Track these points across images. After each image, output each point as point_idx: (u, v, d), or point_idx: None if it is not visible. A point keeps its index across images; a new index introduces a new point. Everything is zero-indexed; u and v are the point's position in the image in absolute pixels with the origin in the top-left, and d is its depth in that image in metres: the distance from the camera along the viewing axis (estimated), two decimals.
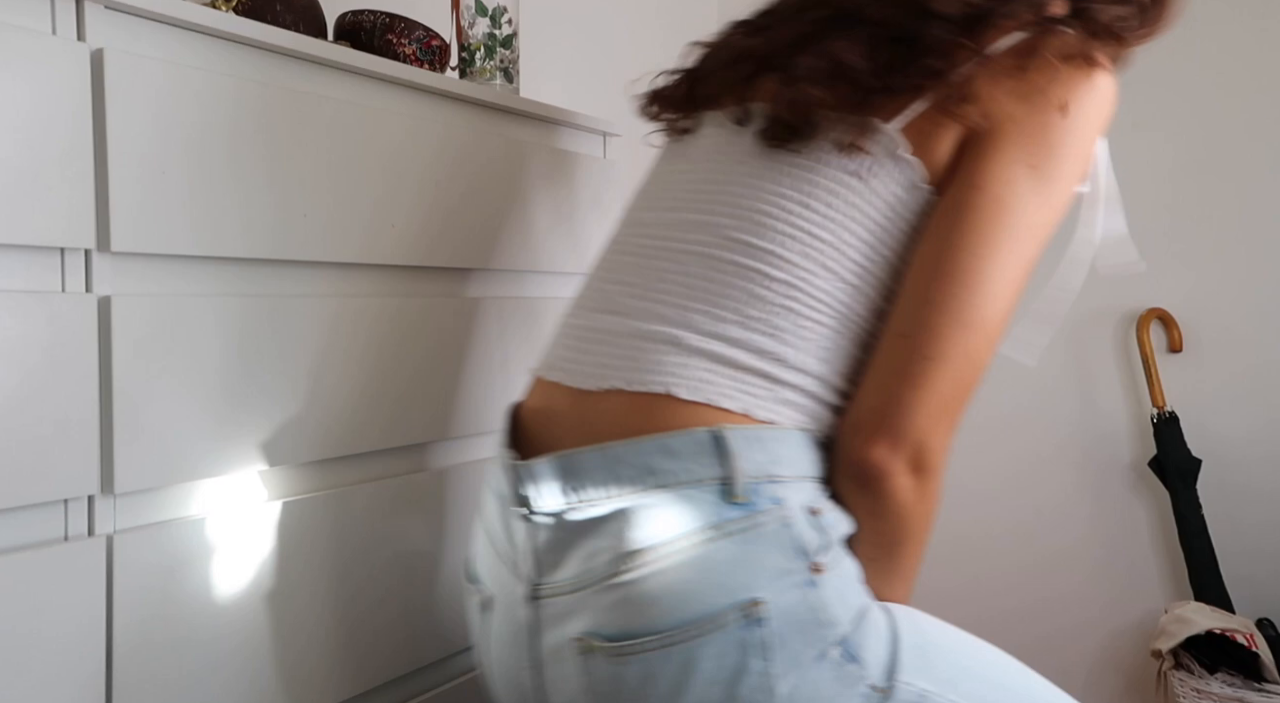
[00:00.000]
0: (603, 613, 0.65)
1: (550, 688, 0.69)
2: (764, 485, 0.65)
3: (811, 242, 0.70)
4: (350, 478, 0.95)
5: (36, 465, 0.70)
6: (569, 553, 0.67)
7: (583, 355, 0.73)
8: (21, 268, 0.70)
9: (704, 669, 0.62)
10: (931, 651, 0.68)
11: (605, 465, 0.66)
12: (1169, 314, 1.92)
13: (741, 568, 0.63)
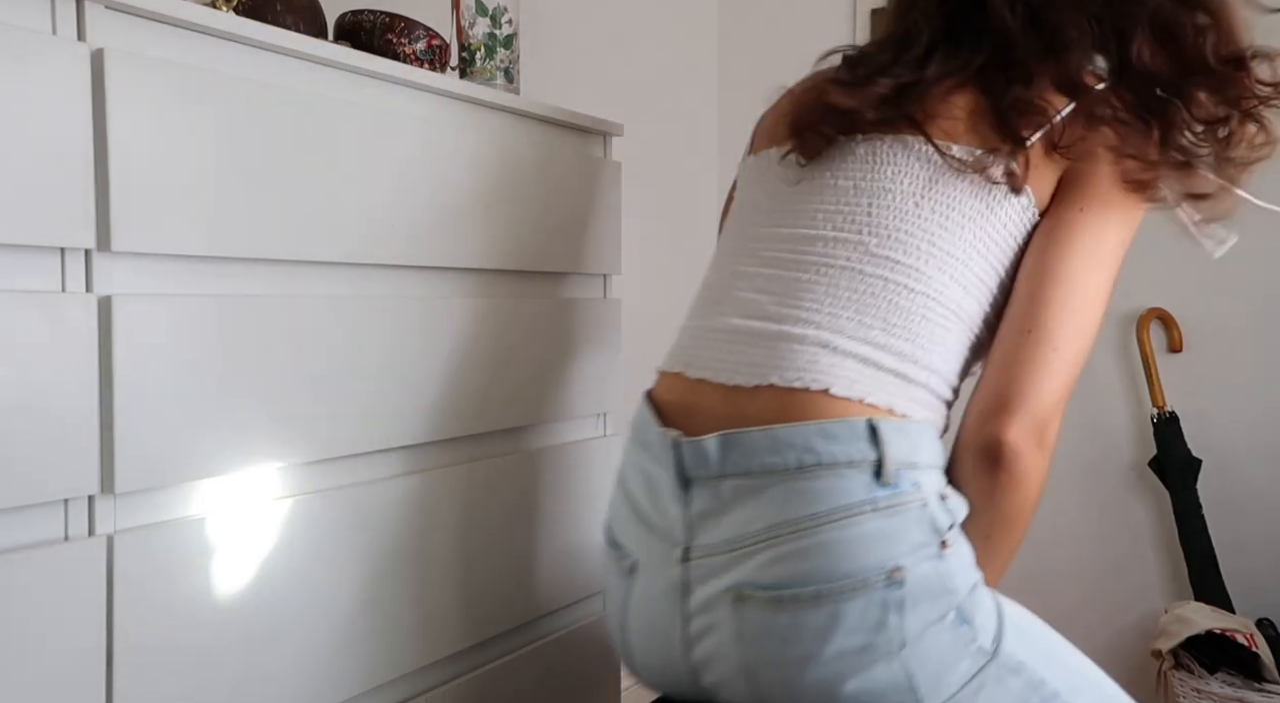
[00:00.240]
0: (758, 569, 0.75)
1: (696, 637, 0.79)
2: (906, 471, 0.76)
3: (947, 259, 0.81)
4: (350, 478, 0.95)
5: (36, 465, 0.70)
6: (723, 518, 0.78)
7: (732, 356, 0.82)
8: (22, 268, 0.70)
9: (848, 621, 0.73)
10: (1028, 630, 0.79)
11: (768, 445, 0.76)
12: (1169, 314, 1.92)
13: (888, 539, 0.74)
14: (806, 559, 0.74)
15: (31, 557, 0.70)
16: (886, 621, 0.73)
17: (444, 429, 1.04)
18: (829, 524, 0.74)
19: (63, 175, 0.71)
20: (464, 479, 1.06)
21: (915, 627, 0.74)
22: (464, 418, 1.06)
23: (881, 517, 0.74)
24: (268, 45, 0.86)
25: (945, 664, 0.75)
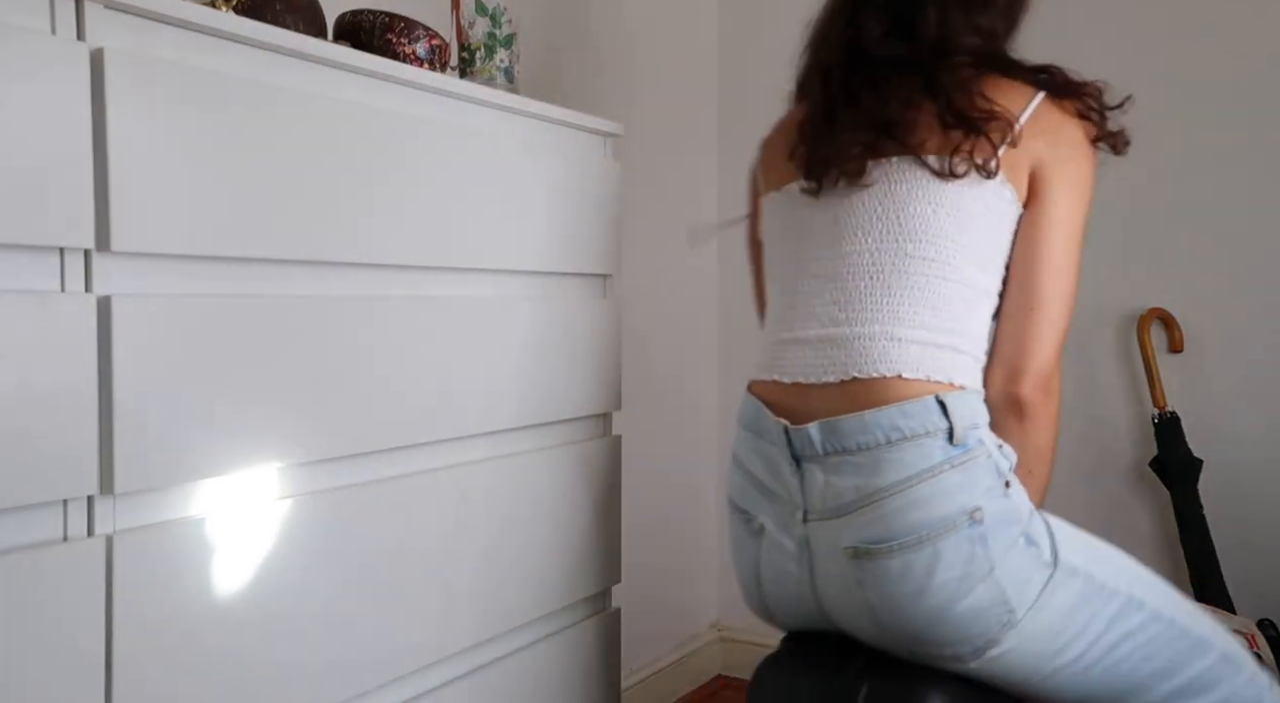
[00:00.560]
0: (867, 526, 0.94)
1: (822, 583, 0.99)
2: (971, 431, 0.95)
3: (966, 249, 0.99)
4: (350, 478, 0.95)
5: (36, 465, 0.70)
6: (830, 487, 0.97)
7: (818, 360, 1.01)
8: (21, 268, 0.70)
9: (946, 556, 0.92)
10: (1075, 540, 0.99)
11: (859, 427, 0.95)
12: (1170, 314, 1.92)
13: (965, 488, 0.93)
14: (906, 514, 0.93)
15: (31, 557, 0.70)
16: (975, 551, 0.92)
17: (443, 429, 1.04)
18: (919, 484, 0.93)
19: (63, 175, 0.71)
20: (464, 479, 1.06)
21: (997, 553, 0.93)
22: (464, 418, 1.06)
23: (958, 471, 0.94)
24: (268, 45, 0.86)
25: (1024, 578, 0.93)
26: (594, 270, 1.26)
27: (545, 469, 1.18)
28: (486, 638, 1.10)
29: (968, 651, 0.95)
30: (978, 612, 0.93)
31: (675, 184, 2.32)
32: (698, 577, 2.42)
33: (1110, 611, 0.97)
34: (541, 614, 1.18)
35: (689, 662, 2.37)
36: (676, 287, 2.32)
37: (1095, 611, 0.97)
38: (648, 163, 2.19)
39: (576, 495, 1.23)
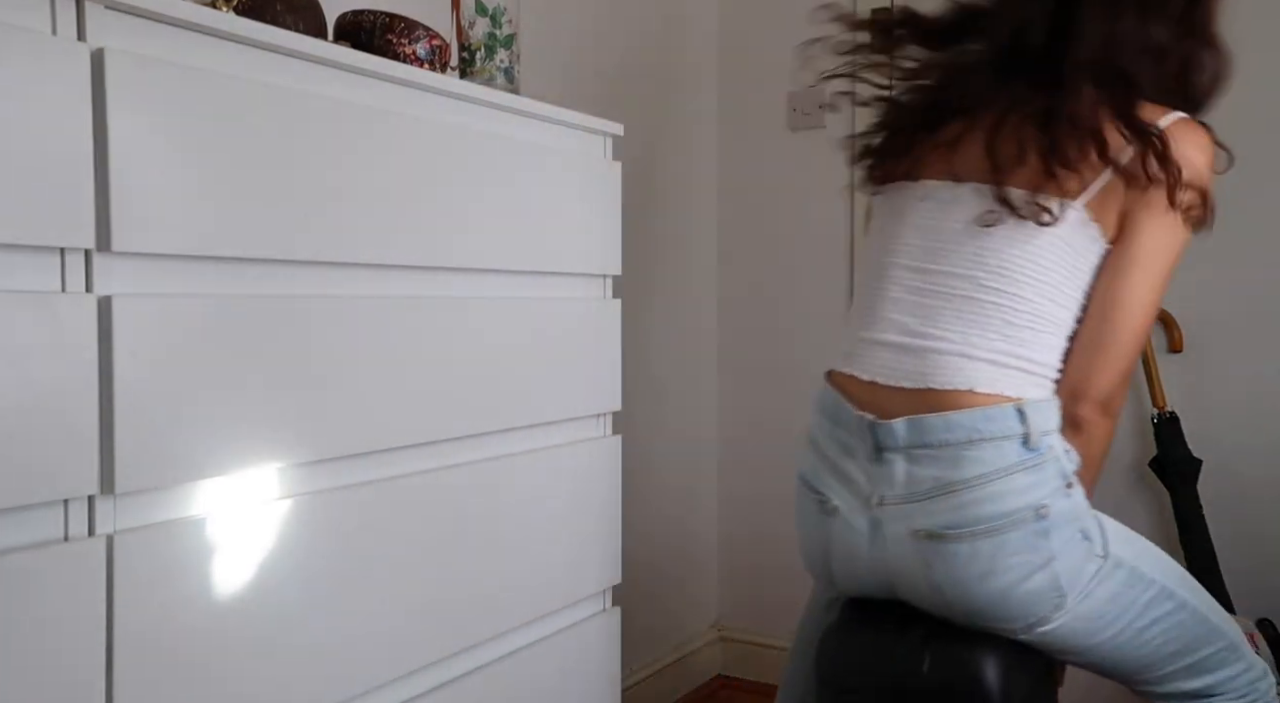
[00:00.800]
0: (940, 513, 1.04)
1: (891, 561, 1.09)
2: (1044, 437, 1.05)
3: (1040, 285, 1.07)
4: (350, 478, 0.95)
5: (36, 465, 0.70)
6: (907, 477, 1.07)
7: (894, 365, 1.10)
8: (22, 268, 0.70)
9: (1011, 546, 1.02)
10: (1123, 537, 1.11)
11: (944, 426, 1.05)
12: (1169, 314, 1.92)
13: (1035, 487, 1.03)
14: (980, 506, 1.03)
15: (31, 557, 0.70)
16: (1037, 543, 1.03)
17: (444, 429, 1.04)
18: (994, 481, 1.03)
19: (63, 175, 0.71)
20: (464, 479, 1.06)
21: (1057, 546, 1.03)
22: (464, 418, 1.06)
23: (1030, 473, 1.03)
24: (268, 45, 0.86)
25: (1078, 569, 1.05)
26: (594, 270, 1.26)
27: (545, 469, 1.18)
28: (487, 638, 1.10)
29: (1020, 626, 1.07)
30: (1034, 596, 1.04)
31: (675, 184, 2.32)
32: (698, 577, 2.42)
33: (1145, 598, 1.10)
34: (541, 614, 1.18)
35: (689, 662, 2.37)
36: (676, 288, 2.33)
37: (1134, 598, 1.09)
38: (648, 163, 2.19)
39: (576, 496, 1.23)
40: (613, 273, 1.30)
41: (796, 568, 2.55)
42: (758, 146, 2.40)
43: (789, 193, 2.37)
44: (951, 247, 1.10)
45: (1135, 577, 1.09)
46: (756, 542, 2.43)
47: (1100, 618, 1.08)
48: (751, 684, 2.39)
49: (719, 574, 2.48)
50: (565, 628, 1.22)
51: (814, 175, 2.33)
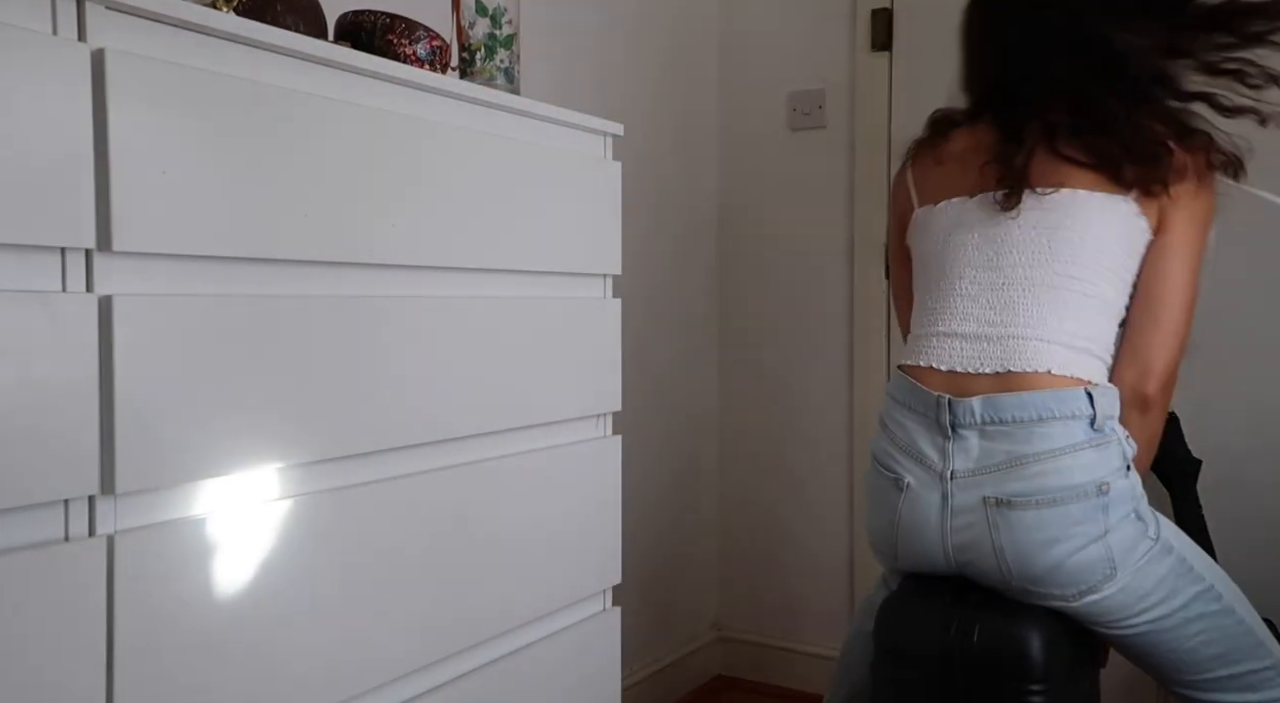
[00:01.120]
0: (1010, 483, 1.15)
1: (957, 530, 1.18)
2: (1109, 420, 1.17)
3: (1107, 272, 1.20)
4: (350, 478, 0.95)
5: (37, 465, 0.70)
6: (978, 450, 1.18)
7: (975, 354, 1.22)
8: (22, 268, 0.70)
9: (1073, 516, 1.13)
10: (1172, 529, 1.21)
11: (1018, 404, 1.15)
12: None
13: (1100, 464, 1.14)
14: (1048, 477, 1.13)
15: (31, 557, 0.70)
16: (1096, 516, 1.13)
17: (444, 429, 1.04)
18: (1063, 456, 1.13)
19: (63, 175, 0.71)
20: (464, 479, 1.06)
21: (1114, 521, 1.14)
22: (464, 418, 1.06)
23: (1095, 450, 1.14)
24: (268, 45, 0.86)
25: (1131, 545, 1.15)
26: (594, 270, 1.26)
27: (545, 469, 1.18)
28: (486, 638, 1.10)
29: (1072, 593, 1.16)
30: (1089, 565, 1.14)
31: (675, 184, 2.32)
32: (698, 577, 2.43)
33: (1193, 590, 1.18)
34: (541, 614, 1.18)
35: (689, 662, 2.37)
36: (676, 288, 2.33)
37: (1180, 587, 1.18)
38: (648, 163, 2.19)
39: (576, 495, 1.23)
40: (613, 273, 1.30)
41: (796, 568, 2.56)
42: (758, 146, 2.40)
43: (789, 193, 2.37)
44: (1022, 244, 1.23)
45: (1184, 567, 1.18)
46: (756, 542, 2.43)
47: (1146, 597, 1.16)
48: (751, 684, 2.39)
49: (719, 574, 2.48)
50: (565, 628, 1.22)
51: (814, 175, 2.33)
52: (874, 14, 2.24)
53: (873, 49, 2.24)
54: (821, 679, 2.28)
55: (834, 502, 2.32)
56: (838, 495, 2.31)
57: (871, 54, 2.25)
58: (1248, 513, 1.87)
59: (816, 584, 2.32)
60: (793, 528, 2.38)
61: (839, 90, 2.30)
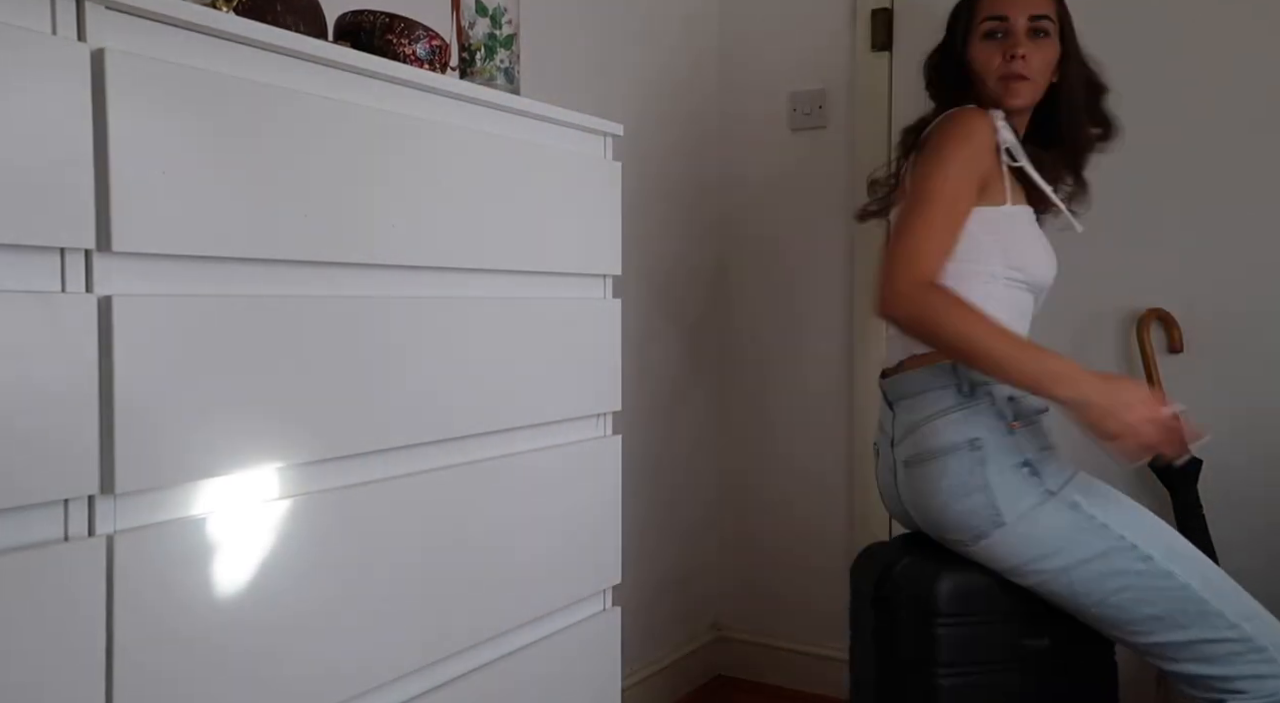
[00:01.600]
0: (907, 447, 1.42)
1: (899, 485, 1.46)
2: (981, 386, 1.37)
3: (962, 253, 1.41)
4: (350, 478, 0.95)
5: (36, 465, 0.70)
6: (898, 423, 1.46)
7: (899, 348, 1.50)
8: (22, 268, 0.70)
9: (950, 469, 1.35)
10: (1095, 492, 1.32)
11: (908, 381, 1.44)
12: (1169, 314, 1.93)
13: (970, 424, 1.35)
14: (927, 439, 1.38)
15: (31, 557, 0.70)
16: (975, 469, 1.33)
17: (444, 429, 1.04)
18: (937, 419, 1.37)
19: (63, 175, 0.71)
20: (464, 479, 1.06)
21: (995, 472, 1.32)
22: (464, 418, 1.06)
23: (964, 412, 1.35)
24: (268, 45, 0.86)
25: (1016, 495, 1.31)
26: (594, 270, 1.26)
27: (545, 469, 1.18)
28: (486, 638, 1.10)
29: (967, 537, 1.35)
30: (972, 511, 1.33)
31: (675, 184, 2.32)
32: (698, 577, 2.43)
33: (1101, 546, 1.28)
34: (541, 614, 1.18)
35: (689, 662, 2.37)
36: (679, 286, 2.33)
37: (1083, 540, 1.29)
38: (648, 163, 2.19)
39: (576, 495, 1.23)
40: (613, 273, 1.30)
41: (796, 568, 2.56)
42: (758, 146, 2.40)
43: (789, 193, 2.37)
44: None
45: (1090, 523, 1.29)
46: (756, 542, 2.43)
47: (1041, 544, 1.30)
48: (751, 684, 2.39)
49: (719, 574, 2.48)
50: (565, 628, 1.22)
51: (814, 175, 2.33)
52: (874, 14, 2.24)
53: (873, 49, 2.24)
54: (821, 679, 2.28)
55: (834, 501, 2.32)
56: (838, 495, 2.31)
57: (871, 54, 2.25)
58: (1248, 513, 1.87)
59: (816, 584, 2.32)
60: (793, 528, 2.38)
61: (839, 90, 2.30)
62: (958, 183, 1.39)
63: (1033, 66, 1.50)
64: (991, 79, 1.51)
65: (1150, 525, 1.30)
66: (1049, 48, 1.52)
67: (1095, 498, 1.31)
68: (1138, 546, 1.27)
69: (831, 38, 2.30)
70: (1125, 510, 1.32)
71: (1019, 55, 1.48)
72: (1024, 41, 1.50)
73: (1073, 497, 1.30)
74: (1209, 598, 1.25)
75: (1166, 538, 1.30)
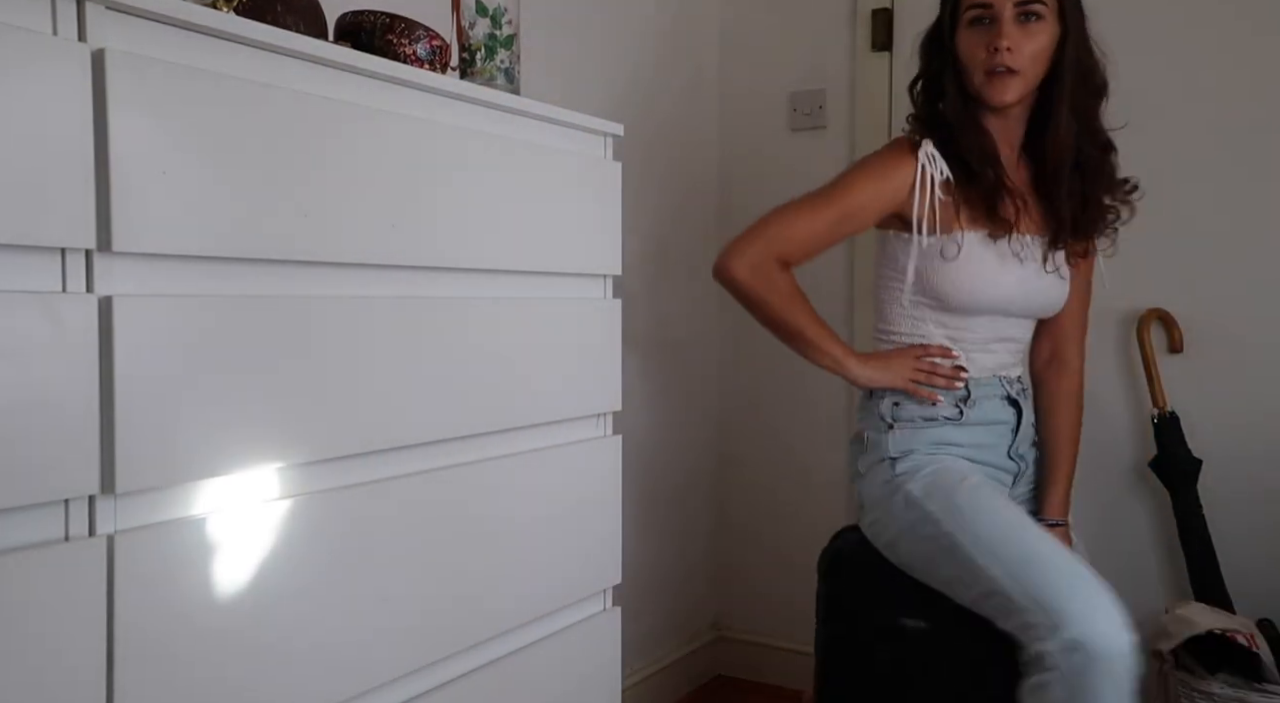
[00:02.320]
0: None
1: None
2: (878, 394, 1.53)
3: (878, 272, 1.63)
4: (350, 478, 0.95)
5: (37, 465, 0.70)
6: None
7: None
8: (22, 268, 0.70)
9: (852, 456, 1.59)
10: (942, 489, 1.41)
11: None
12: (1169, 314, 1.93)
13: (863, 421, 1.57)
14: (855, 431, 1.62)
15: (31, 557, 0.70)
16: (859, 457, 1.55)
17: (444, 429, 1.04)
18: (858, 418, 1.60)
19: (63, 175, 0.71)
20: (464, 479, 1.06)
21: (867, 463, 1.53)
22: (464, 418, 1.06)
23: (863, 410, 1.58)
24: (268, 45, 0.86)
25: (874, 485, 1.50)
26: (594, 270, 1.26)
27: (545, 469, 1.18)
28: (486, 638, 1.10)
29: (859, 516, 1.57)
30: (856, 495, 1.57)
31: (675, 184, 2.32)
32: (698, 577, 2.43)
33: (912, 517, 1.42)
34: (541, 614, 1.18)
35: (689, 662, 2.37)
36: (677, 285, 2.33)
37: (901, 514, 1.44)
38: (648, 163, 2.19)
39: (576, 495, 1.23)
40: (613, 273, 1.30)
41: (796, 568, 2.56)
42: (758, 146, 2.40)
43: (789, 193, 2.37)
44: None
45: (910, 502, 1.43)
46: (756, 542, 2.43)
47: (886, 529, 1.47)
48: (751, 684, 2.39)
49: (719, 574, 2.48)
50: (565, 628, 1.22)
51: (814, 175, 2.32)
52: (874, 14, 2.24)
53: (873, 49, 2.24)
54: None
55: (835, 501, 2.32)
56: (838, 494, 2.31)
57: (871, 54, 2.25)
58: (1248, 513, 1.87)
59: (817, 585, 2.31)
60: (793, 528, 2.38)
61: (839, 90, 2.30)
62: (859, 204, 1.46)
63: (1021, 57, 1.38)
64: (977, 74, 1.41)
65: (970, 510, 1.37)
66: (1042, 32, 1.39)
67: (929, 488, 1.41)
68: (939, 518, 1.37)
69: (831, 38, 2.30)
70: (949, 497, 1.39)
71: (1003, 47, 1.36)
72: (1010, 29, 1.37)
73: (911, 491, 1.42)
74: (984, 564, 1.31)
75: (972, 515, 1.36)
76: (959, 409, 1.49)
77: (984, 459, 1.51)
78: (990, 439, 1.52)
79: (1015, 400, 1.53)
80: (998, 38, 1.37)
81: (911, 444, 1.47)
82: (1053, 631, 1.23)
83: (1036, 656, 1.25)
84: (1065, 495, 1.56)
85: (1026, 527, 1.35)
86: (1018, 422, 1.53)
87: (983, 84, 1.41)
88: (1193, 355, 1.92)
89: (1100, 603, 1.25)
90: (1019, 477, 1.55)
